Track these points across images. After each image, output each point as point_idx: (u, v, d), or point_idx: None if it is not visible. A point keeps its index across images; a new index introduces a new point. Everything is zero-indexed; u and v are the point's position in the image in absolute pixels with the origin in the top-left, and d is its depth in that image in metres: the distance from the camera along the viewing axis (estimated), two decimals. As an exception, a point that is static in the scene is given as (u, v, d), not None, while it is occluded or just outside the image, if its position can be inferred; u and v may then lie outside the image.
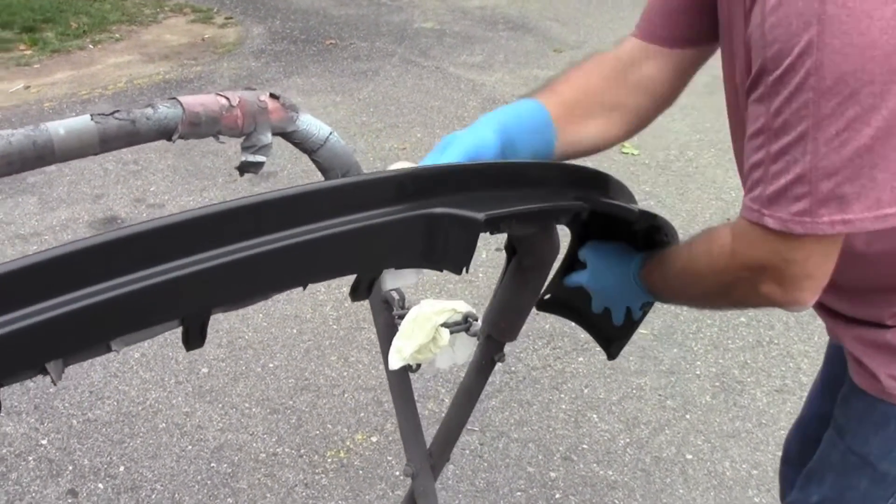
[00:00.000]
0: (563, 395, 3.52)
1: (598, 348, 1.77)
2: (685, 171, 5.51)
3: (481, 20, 8.51)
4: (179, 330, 1.03)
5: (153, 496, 3.06)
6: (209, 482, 3.11)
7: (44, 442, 3.30)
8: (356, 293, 1.24)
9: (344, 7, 8.90)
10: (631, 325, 1.68)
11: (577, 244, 1.61)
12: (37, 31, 8.03)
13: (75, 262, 0.88)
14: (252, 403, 3.48)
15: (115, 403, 3.49)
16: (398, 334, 1.77)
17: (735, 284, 1.33)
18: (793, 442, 2.06)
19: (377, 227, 1.10)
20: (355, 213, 1.08)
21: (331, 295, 4.09)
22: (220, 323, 3.95)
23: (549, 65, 7.24)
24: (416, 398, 1.81)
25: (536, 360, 3.70)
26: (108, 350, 0.97)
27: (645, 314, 1.67)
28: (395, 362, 1.78)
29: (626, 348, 1.80)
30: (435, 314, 1.75)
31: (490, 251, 4.37)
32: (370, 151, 5.62)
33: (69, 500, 3.05)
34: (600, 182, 1.43)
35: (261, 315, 4.00)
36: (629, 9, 8.61)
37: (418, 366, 1.85)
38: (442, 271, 1.23)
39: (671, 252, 1.51)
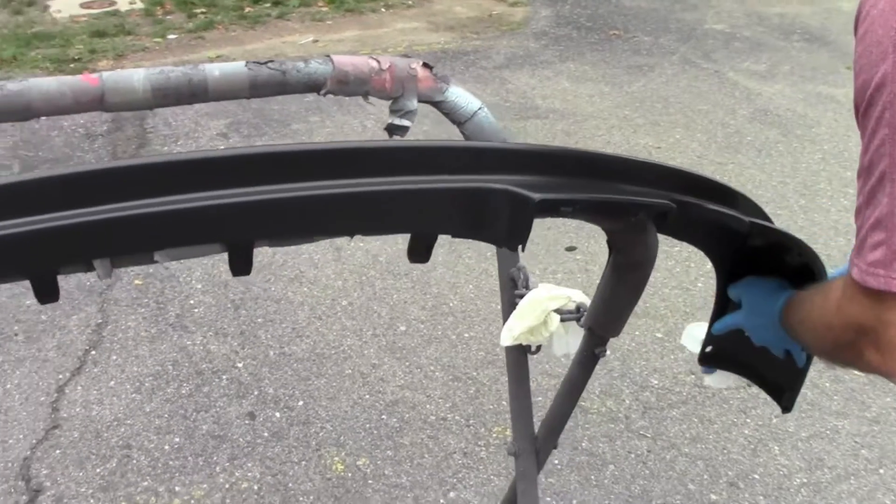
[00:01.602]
0: (748, 420, 3.42)
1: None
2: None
3: (777, 28, 8.25)
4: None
5: (321, 434, 3.22)
6: (375, 432, 3.25)
7: (239, 365, 3.54)
8: (412, 254, 1.28)
9: (638, -1, 8.86)
10: (796, 372, 1.56)
11: (724, 282, 1.52)
12: (338, -10, 8.44)
13: (134, 175, 0.98)
14: (437, 368, 3.59)
15: (312, 343, 3.69)
16: (513, 314, 1.82)
17: (841, 345, 1.17)
18: None
19: (433, 192, 1.12)
20: (417, 175, 1.12)
21: (543, 280, 4.14)
22: (430, 287, 4.08)
23: (836, 82, 6.94)
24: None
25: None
26: (153, 260, 1.06)
27: (811, 359, 1.52)
28: (506, 339, 1.83)
29: (831, 387, 1.67)
30: (549, 299, 1.79)
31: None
32: (624, 145, 5.60)
33: (246, 421, 3.26)
34: (707, 188, 1.38)
35: (471, 286, 4.10)
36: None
37: (538, 348, 1.90)
38: (500, 246, 1.25)
39: (802, 295, 1.35)
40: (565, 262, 4.27)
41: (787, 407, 1.62)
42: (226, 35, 7.35)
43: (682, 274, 4.25)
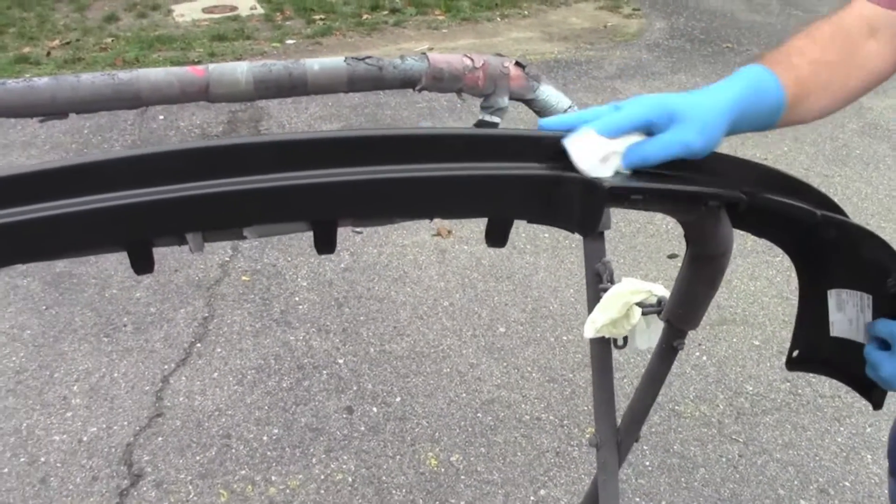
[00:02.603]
0: (842, 429, 3.39)
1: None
2: None
3: (896, 43, 8.10)
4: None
5: (416, 430, 3.29)
6: (470, 429, 3.30)
7: (340, 361, 3.62)
8: (490, 238, 1.31)
9: (753, 13, 8.76)
10: None
11: (804, 278, 1.51)
12: (455, -1, 8.55)
13: (227, 154, 1.05)
14: (534, 369, 3.62)
15: (412, 342, 3.75)
16: (597, 307, 1.85)
17: None
18: None
19: (509, 178, 1.16)
20: (494, 162, 1.17)
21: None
22: (531, 290, 4.13)
23: (952, 98, 6.82)
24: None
25: (827, 388, 3.57)
26: (242, 236, 1.13)
27: None
28: (589, 332, 1.86)
29: None
30: (631, 293, 1.82)
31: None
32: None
33: (344, 415, 3.34)
34: (778, 180, 1.38)
35: (571, 290, 4.13)
36: None
37: (625, 342, 1.93)
38: (573, 232, 1.28)
39: None
40: (667, 268, 4.26)
41: (878, 403, 1.59)
42: (343, 41, 7.48)
43: (783, 283, 4.21)
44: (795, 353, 1.62)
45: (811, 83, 1.40)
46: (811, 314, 1.57)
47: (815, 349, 1.60)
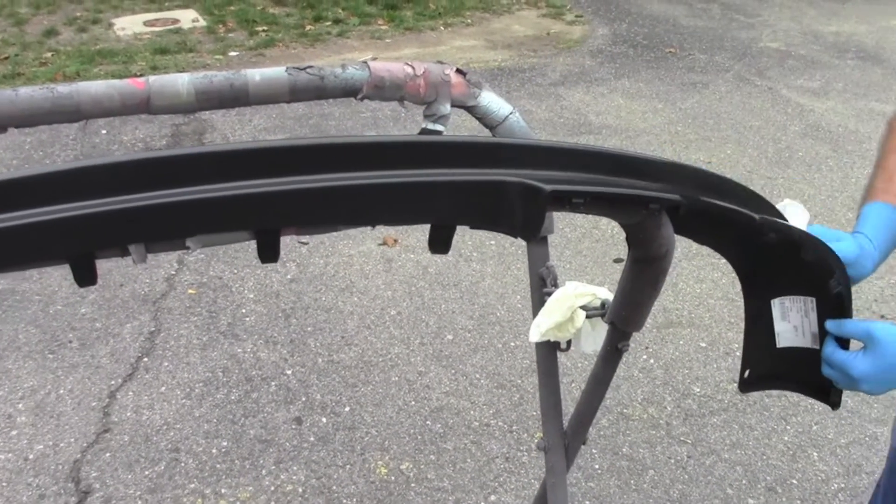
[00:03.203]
0: (788, 427, 3.44)
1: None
2: None
3: (832, 46, 8.23)
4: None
5: (366, 439, 3.28)
6: (419, 437, 3.30)
7: (288, 372, 3.61)
8: (433, 245, 1.32)
9: (695, 18, 8.87)
10: None
11: (746, 285, 1.56)
12: (397, 8, 8.58)
13: (168, 165, 1.04)
14: (483, 375, 3.63)
15: (360, 351, 3.75)
16: (541, 311, 1.87)
17: None
18: None
19: (452, 184, 1.17)
20: (436, 168, 1.17)
21: (589, 289, 4.17)
22: (478, 297, 4.14)
23: (889, 99, 6.93)
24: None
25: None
26: (185, 247, 1.13)
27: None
28: (534, 336, 1.87)
29: (871, 396, 1.67)
30: (575, 296, 1.84)
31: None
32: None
33: (293, 426, 3.33)
34: (718, 185, 1.40)
35: (518, 296, 4.15)
36: None
37: (568, 345, 1.94)
38: (516, 237, 1.29)
39: None
40: (613, 272, 4.29)
41: (836, 402, 1.59)
42: (286, 52, 7.47)
43: (728, 285, 4.27)
44: (747, 374, 1.63)
45: None
46: (758, 330, 1.59)
47: (765, 366, 1.63)
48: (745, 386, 1.64)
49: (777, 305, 1.54)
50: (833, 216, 4.96)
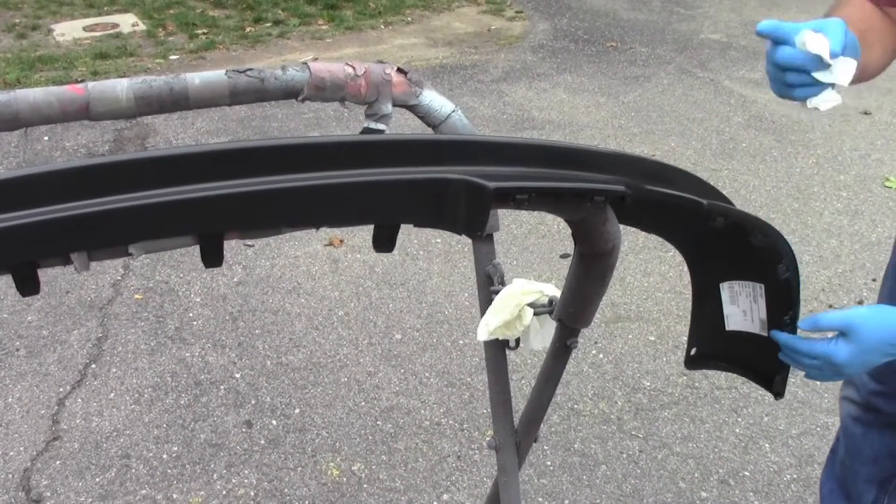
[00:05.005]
0: (739, 419, 3.46)
1: (793, 378, 1.61)
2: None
3: (772, 38, 8.31)
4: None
5: (317, 441, 3.27)
6: (370, 438, 3.30)
7: (237, 375, 3.59)
8: (377, 243, 1.32)
9: (635, 11, 8.92)
10: None
11: (695, 272, 1.56)
12: (337, 8, 8.56)
13: (108, 172, 1.03)
14: (432, 374, 3.63)
15: (309, 353, 3.74)
16: (489, 309, 1.87)
17: None
18: None
19: (394, 183, 1.17)
20: (378, 168, 1.17)
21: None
22: (425, 296, 4.14)
23: (830, 88, 7.01)
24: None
25: (723, 380, 3.65)
26: (128, 253, 1.11)
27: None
28: (482, 335, 1.88)
29: (819, 386, 1.69)
30: (522, 294, 1.84)
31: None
32: (619, 154, 5.64)
33: (244, 429, 3.32)
34: (662, 173, 1.40)
35: (466, 294, 4.15)
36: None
37: (517, 343, 1.94)
38: (460, 234, 1.29)
39: None
40: (560, 269, 4.31)
41: (779, 392, 1.63)
42: (227, 55, 7.42)
43: (676, 278, 4.30)
44: (693, 351, 1.66)
45: (863, 32, 1.56)
46: (705, 310, 1.60)
47: (712, 345, 1.64)
48: (692, 363, 1.67)
49: (726, 289, 1.55)
50: (779, 206, 5.02)
